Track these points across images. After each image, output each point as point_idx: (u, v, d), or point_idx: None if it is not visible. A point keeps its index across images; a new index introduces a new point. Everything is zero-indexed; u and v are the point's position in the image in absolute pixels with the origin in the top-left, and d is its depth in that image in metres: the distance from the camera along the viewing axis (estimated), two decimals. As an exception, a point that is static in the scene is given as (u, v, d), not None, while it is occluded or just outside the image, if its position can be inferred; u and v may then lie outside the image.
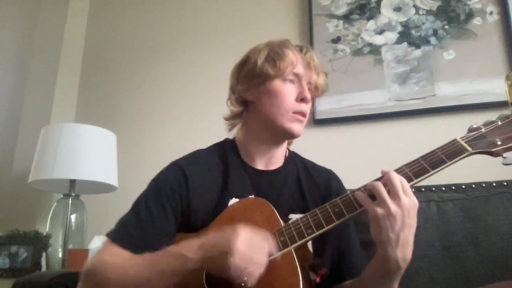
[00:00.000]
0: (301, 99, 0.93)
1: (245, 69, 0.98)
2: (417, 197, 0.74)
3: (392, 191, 0.72)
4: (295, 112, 0.93)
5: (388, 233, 0.71)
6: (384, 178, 0.74)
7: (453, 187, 1.34)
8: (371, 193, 0.74)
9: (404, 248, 0.72)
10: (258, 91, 0.96)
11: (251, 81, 0.96)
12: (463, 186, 1.34)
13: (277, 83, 0.93)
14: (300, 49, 0.98)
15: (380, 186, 0.73)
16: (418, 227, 0.74)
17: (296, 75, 0.95)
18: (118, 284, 0.76)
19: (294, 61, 0.94)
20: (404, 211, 0.70)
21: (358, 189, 0.78)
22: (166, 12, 2.24)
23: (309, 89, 0.96)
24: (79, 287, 0.81)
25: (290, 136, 0.97)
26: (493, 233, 1.22)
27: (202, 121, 1.97)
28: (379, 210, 0.71)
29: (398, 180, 0.72)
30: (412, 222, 0.72)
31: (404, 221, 0.71)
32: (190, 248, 0.73)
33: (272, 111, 0.93)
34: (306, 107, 0.94)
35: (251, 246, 0.70)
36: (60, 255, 1.71)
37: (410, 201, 0.72)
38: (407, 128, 1.67)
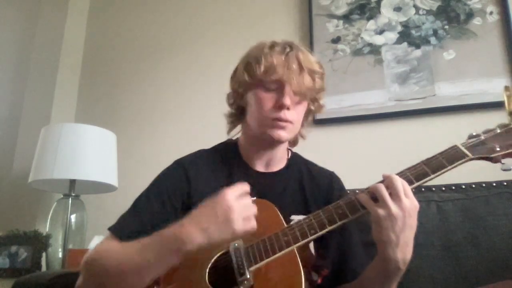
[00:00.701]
0: (279, 106, 0.90)
1: (234, 78, 1.01)
2: (417, 197, 0.75)
3: (393, 193, 0.73)
4: (274, 119, 0.90)
5: (389, 234, 0.72)
6: (386, 181, 0.75)
7: (453, 187, 1.34)
8: (373, 195, 0.75)
9: (404, 249, 0.74)
10: (245, 99, 0.98)
11: (239, 90, 0.98)
12: (463, 186, 1.34)
13: (257, 92, 0.93)
14: (283, 51, 0.93)
15: (382, 188, 0.74)
16: (418, 227, 0.75)
17: (276, 81, 0.91)
18: (116, 272, 0.77)
19: (271, 67, 0.90)
20: (405, 212, 0.72)
21: (361, 192, 0.78)
22: (166, 12, 2.24)
23: (295, 92, 0.91)
24: (80, 278, 0.82)
25: (274, 141, 0.95)
26: (493, 233, 1.22)
27: (202, 121, 1.97)
28: (381, 211, 0.73)
29: (400, 183, 0.74)
30: (412, 223, 0.74)
31: (405, 222, 0.72)
32: (186, 232, 0.72)
33: (254, 119, 0.95)
34: (285, 113, 0.90)
35: (238, 197, 0.74)
36: (60, 255, 1.71)
37: (411, 203, 0.73)
38: (407, 128, 1.67)
